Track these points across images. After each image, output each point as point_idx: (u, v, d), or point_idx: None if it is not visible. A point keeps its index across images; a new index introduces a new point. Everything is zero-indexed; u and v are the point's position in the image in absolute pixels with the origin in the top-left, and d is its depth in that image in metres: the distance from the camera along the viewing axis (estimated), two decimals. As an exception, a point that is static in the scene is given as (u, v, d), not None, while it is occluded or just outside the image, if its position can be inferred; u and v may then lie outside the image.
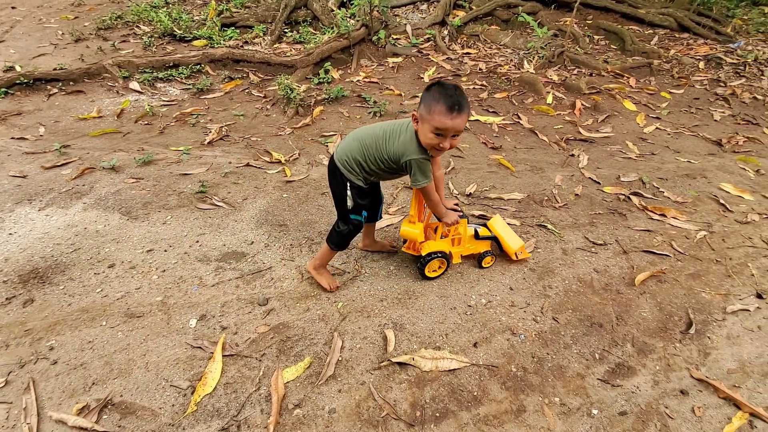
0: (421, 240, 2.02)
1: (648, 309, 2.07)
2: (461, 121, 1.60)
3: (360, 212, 1.90)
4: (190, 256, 2.20)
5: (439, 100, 1.58)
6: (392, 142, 1.73)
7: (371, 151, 1.77)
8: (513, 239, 2.21)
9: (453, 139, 1.65)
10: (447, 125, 1.58)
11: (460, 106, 1.58)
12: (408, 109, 4.07)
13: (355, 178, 1.83)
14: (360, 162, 1.79)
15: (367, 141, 1.78)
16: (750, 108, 4.50)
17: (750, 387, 1.75)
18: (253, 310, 1.91)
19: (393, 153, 1.73)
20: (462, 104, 1.59)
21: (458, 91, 1.61)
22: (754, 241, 2.59)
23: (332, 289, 2.03)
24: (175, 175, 2.86)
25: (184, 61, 4.43)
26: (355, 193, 1.85)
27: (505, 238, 2.20)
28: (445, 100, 1.58)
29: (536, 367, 1.76)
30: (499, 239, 2.21)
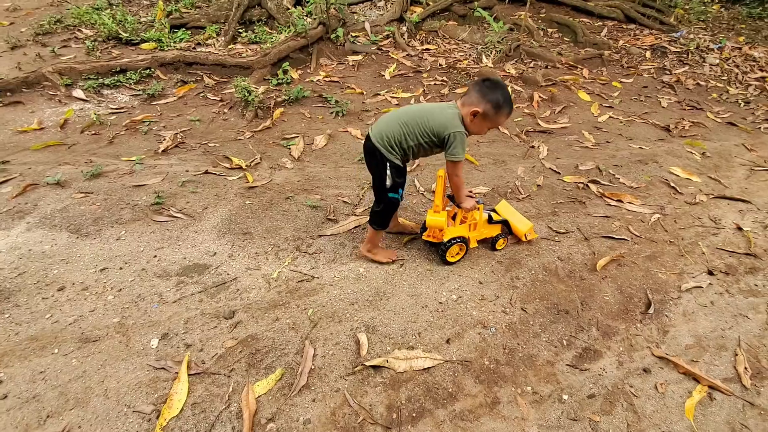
0: (446, 227, 2.12)
1: (610, 293, 2.15)
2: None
3: (397, 190, 2.02)
4: (148, 272, 2.09)
5: (507, 104, 1.84)
6: (436, 117, 1.87)
7: (412, 128, 1.90)
8: (521, 222, 2.37)
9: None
10: (504, 123, 1.98)
11: (512, 107, 1.89)
12: (370, 107, 4.04)
13: (394, 158, 1.94)
14: (399, 140, 1.91)
15: (408, 119, 1.91)
16: (694, 94, 4.77)
17: (707, 361, 1.85)
18: (218, 325, 1.84)
19: (437, 126, 1.86)
20: (512, 105, 1.89)
21: (509, 93, 1.88)
22: (703, 220, 2.74)
23: (392, 260, 2.22)
24: (127, 188, 2.71)
25: (131, 65, 4.21)
26: (393, 172, 1.96)
27: (513, 221, 2.36)
28: (510, 105, 1.85)
29: (508, 359, 1.79)
30: (509, 222, 2.35)
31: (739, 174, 3.32)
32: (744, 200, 2.97)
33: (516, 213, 2.40)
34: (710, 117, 4.28)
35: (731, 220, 2.76)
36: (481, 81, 1.87)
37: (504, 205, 2.44)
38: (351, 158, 3.23)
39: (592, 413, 1.62)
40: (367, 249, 2.20)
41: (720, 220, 2.76)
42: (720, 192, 3.05)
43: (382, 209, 2.05)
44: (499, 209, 2.41)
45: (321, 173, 3.02)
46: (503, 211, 2.40)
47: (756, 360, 1.87)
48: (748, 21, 7.69)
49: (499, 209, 2.41)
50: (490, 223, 2.30)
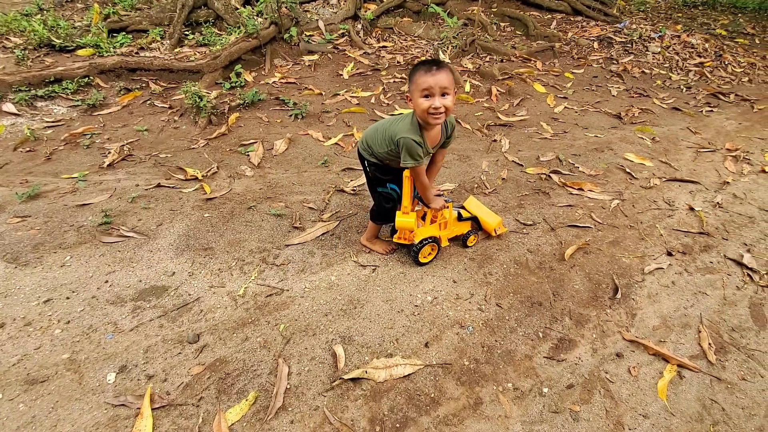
0: (415, 228, 2.09)
1: (579, 281, 2.19)
2: (442, 76, 1.67)
3: (384, 184, 2.07)
4: (99, 299, 1.92)
5: (418, 67, 1.72)
6: (392, 126, 1.87)
7: (379, 136, 1.94)
8: (491, 216, 2.36)
9: (443, 98, 1.70)
10: (429, 82, 1.66)
11: (438, 65, 1.69)
12: (330, 108, 3.95)
13: (369, 156, 2.03)
14: (373, 148, 1.98)
15: (379, 126, 1.97)
16: (640, 81, 5.00)
17: (674, 340, 1.92)
18: (183, 351, 1.71)
19: (391, 134, 1.86)
20: (440, 63, 1.70)
21: (438, 60, 1.74)
22: (658, 203, 2.86)
23: (387, 251, 2.25)
24: (70, 208, 2.49)
25: (67, 74, 3.89)
26: (373, 169, 2.05)
27: (483, 216, 2.35)
28: (423, 64, 1.71)
29: (487, 357, 1.78)
30: (478, 218, 2.35)
31: (686, 156, 3.50)
32: (693, 181, 3.13)
33: (484, 208, 2.40)
34: (657, 103, 4.50)
35: (683, 201, 2.90)
36: None
37: (472, 201, 2.44)
38: (314, 162, 3.13)
39: (572, 403, 1.63)
40: (366, 238, 2.29)
41: (673, 202, 2.89)
42: (671, 175, 3.20)
43: (376, 204, 2.17)
44: (467, 205, 2.41)
45: (283, 179, 2.91)
46: (472, 207, 2.40)
47: (718, 335, 1.96)
48: (684, 10, 8.18)
49: (468, 205, 2.41)
50: (460, 221, 2.29)
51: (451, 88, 1.71)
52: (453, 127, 2.01)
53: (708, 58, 5.72)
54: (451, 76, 1.71)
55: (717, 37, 6.65)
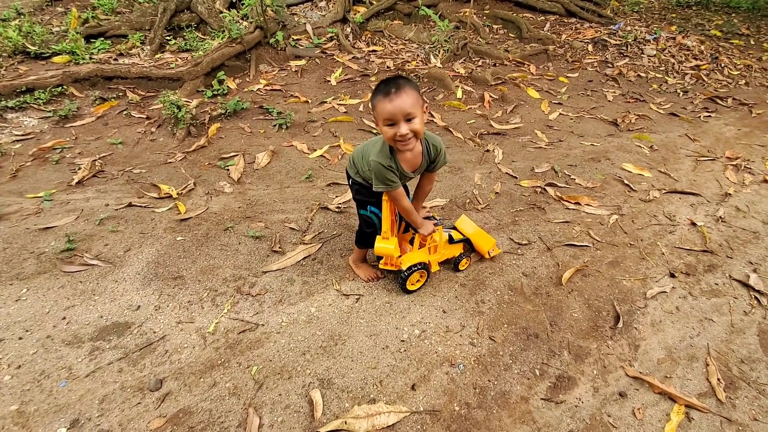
0: (397, 255, 1.95)
1: (578, 308, 2.05)
2: (403, 100, 1.51)
3: (366, 207, 1.95)
4: (54, 339, 1.75)
5: (377, 91, 1.56)
6: (374, 146, 1.75)
7: (359, 155, 1.86)
8: (484, 238, 2.22)
9: (410, 123, 1.55)
10: (389, 109, 1.52)
11: (397, 86, 1.52)
12: (316, 117, 3.78)
13: (354, 175, 1.91)
14: (356, 164, 1.88)
15: (365, 145, 1.86)
16: (636, 86, 4.87)
17: (680, 375, 1.78)
18: (143, 400, 1.55)
19: (368, 155, 1.76)
20: (399, 85, 1.53)
21: (398, 78, 1.56)
22: (658, 218, 2.73)
23: (369, 279, 2.10)
24: (32, 232, 2.32)
25: (40, 83, 3.70)
26: (357, 188, 1.92)
27: (475, 238, 2.21)
28: (382, 88, 1.55)
29: (479, 400, 1.63)
30: (471, 240, 2.21)
31: (686, 166, 3.37)
32: (694, 193, 3.00)
33: (477, 228, 2.25)
34: (653, 108, 4.37)
35: (685, 215, 2.77)
36: None
37: (464, 221, 2.28)
38: (297, 176, 2.97)
39: (573, 454, 1.49)
40: (353, 260, 2.19)
41: (674, 216, 2.75)
42: (671, 186, 3.07)
43: (359, 227, 2.05)
44: (459, 225, 2.25)
45: (264, 196, 2.75)
46: (464, 227, 2.24)
47: (727, 368, 1.82)
48: (677, 10, 8.08)
49: (460, 225, 2.25)
50: (451, 243, 2.14)
51: (417, 109, 1.54)
52: (440, 151, 1.82)
53: (704, 61, 5.61)
54: (415, 95, 1.54)
55: (712, 38, 6.55)
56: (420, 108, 1.57)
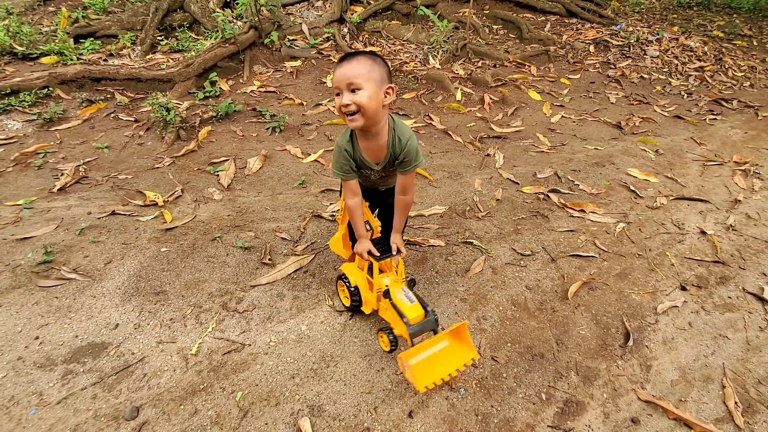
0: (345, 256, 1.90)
1: (585, 325, 1.93)
2: (350, 68, 1.42)
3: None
4: (25, 362, 1.63)
5: (338, 64, 1.46)
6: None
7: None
8: (459, 351, 1.56)
9: (354, 94, 1.42)
10: (335, 76, 1.45)
11: (352, 55, 1.45)
12: (311, 119, 3.67)
13: None
14: None
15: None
16: (639, 87, 4.77)
17: (695, 398, 1.66)
18: (117, 430, 1.43)
19: None
20: (356, 54, 1.45)
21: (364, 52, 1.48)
22: (667, 226, 2.62)
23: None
24: (9, 242, 2.19)
25: (25, 85, 3.57)
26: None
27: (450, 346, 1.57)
28: (342, 59, 1.46)
29: (482, 428, 1.51)
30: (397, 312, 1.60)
31: (693, 171, 3.26)
32: (703, 200, 2.89)
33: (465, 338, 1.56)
34: (657, 111, 4.27)
35: (694, 223, 2.66)
36: None
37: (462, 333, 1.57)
38: (290, 182, 2.85)
39: (583, 489, 1.37)
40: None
41: (683, 225, 2.64)
42: (678, 192, 2.96)
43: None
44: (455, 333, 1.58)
45: (255, 203, 2.63)
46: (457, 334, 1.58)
47: (744, 390, 1.71)
48: (678, 11, 7.99)
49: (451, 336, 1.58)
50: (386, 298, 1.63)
51: (368, 82, 1.40)
52: (405, 145, 1.56)
53: (708, 62, 5.51)
54: (368, 66, 1.41)
55: (714, 39, 6.46)
56: (374, 82, 1.41)
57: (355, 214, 1.72)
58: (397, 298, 1.61)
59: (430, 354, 1.52)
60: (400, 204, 1.74)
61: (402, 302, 1.59)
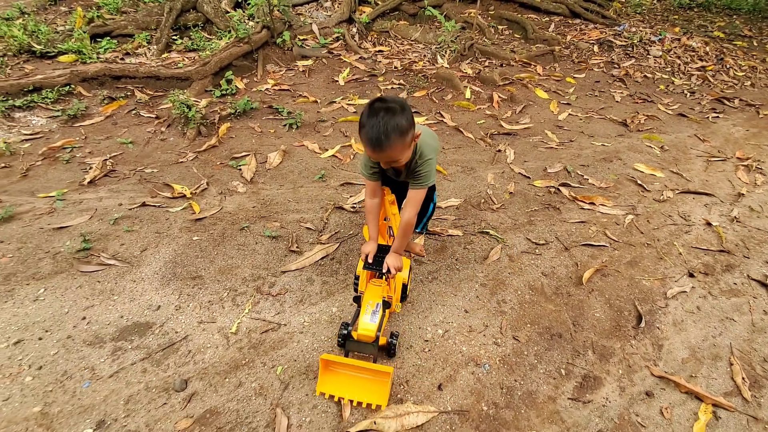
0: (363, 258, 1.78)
1: (599, 308, 2.04)
2: (388, 154, 1.47)
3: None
4: (75, 340, 1.73)
5: (363, 127, 1.46)
6: None
7: None
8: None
9: (394, 162, 1.56)
10: (371, 156, 1.52)
11: (380, 143, 1.42)
12: (326, 117, 3.77)
13: None
14: None
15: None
16: (643, 86, 4.88)
17: (705, 374, 1.77)
18: (168, 400, 1.53)
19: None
20: (385, 138, 1.41)
21: (388, 114, 1.41)
22: (673, 218, 2.73)
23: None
24: (46, 231, 2.29)
25: (47, 83, 3.67)
26: None
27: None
28: (368, 130, 1.43)
29: (507, 400, 1.62)
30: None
31: (697, 166, 3.38)
32: (707, 193, 3.00)
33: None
34: (662, 109, 4.38)
35: (700, 215, 2.77)
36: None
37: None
38: (310, 176, 2.95)
39: (603, 454, 1.48)
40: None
41: (689, 216, 2.75)
42: (684, 186, 3.07)
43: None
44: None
45: (278, 196, 2.73)
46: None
47: (750, 367, 1.82)
48: (680, 12, 8.11)
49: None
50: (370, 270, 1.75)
51: (403, 153, 1.51)
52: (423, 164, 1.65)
53: (710, 62, 5.63)
54: (399, 144, 1.45)
55: (716, 39, 6.58)
56: (407, 148, 1.51)
57: (370, 216, 1.77)
58: (364, 308, 1.62)
59: (348, 371, 1.55)
60: (402, 223, 1.71)
61: (363, 315, 1.60)
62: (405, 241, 1.74)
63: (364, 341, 1.60)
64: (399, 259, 1.72)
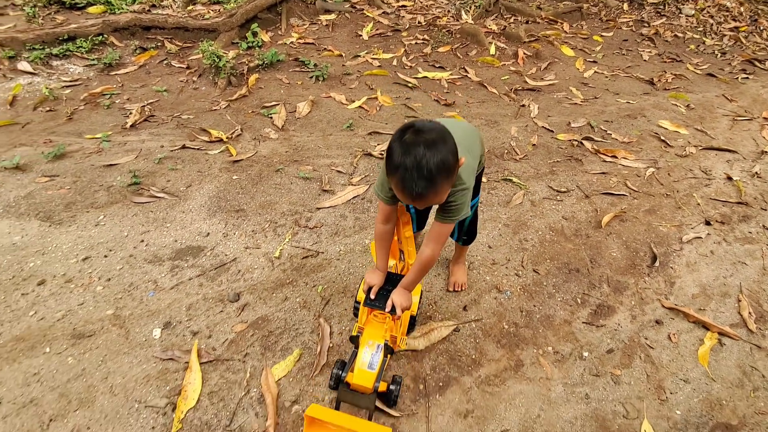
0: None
1: (616, 248, 2.16)
2: (431, 200, 1.15)
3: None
4: (137, 258, 1.92)
5: (395, 169, 1.07)
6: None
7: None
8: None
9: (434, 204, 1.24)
10: (408, 202, 1.18)
11: (425, 191, 1.06)
12: (351, 70, 3.82)
13: None
14: None
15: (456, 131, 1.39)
16: (673, 46, 4.78)
17: (713, 308, 1.90)
18: (224, 309, 1.72)
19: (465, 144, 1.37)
20: (430, 183, 1.05)
21: (430, 150, 1.04)
22: (694, 172, 2.78)
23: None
24: (97, 168, 2.47)
25: (81, 32, 3.77)
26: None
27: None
28: (404, 175, 1.06)
29: (526, 321, 1.78)
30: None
31: (723, 125, 3.38)
32: (730, 150, 3.03)
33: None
34: (690, 69, 4.31)
35: (721, 170, 2.82)
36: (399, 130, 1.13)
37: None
38: (338, 125, 3.05)
39: (613, 367, 1.63)
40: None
41: (710, 171, 2.80)
42: (707, 143, 3.09)
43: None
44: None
45: (309, 142, 2.85)
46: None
47: (758, 304, 1.94)
48: (716, -29, 7.71)
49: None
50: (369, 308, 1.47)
51: (447, 192, 1.18)
52: (457, 195, 1.25)
53: (743, 23, 5.44)
54: (449, 183, 1.14)
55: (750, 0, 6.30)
56: (449, 188, 1.17)
57: (381, 243, 1.46)
58: (362, 350, 1.34)
59: (337, 427, 1.23)
60: (420, 259, 1.36)
61: (361, 359, 1.33)
62: (419, 279, 1.43)
63: (359, 391, 1.33)
64: (408, 297, 1.41)
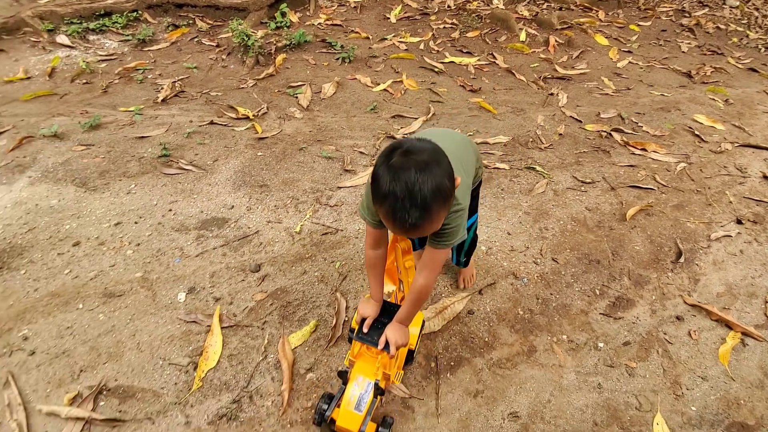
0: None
1: (640, 242, 2.11)
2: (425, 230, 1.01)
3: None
4: (165, 226, 2.00)
5: (383, 198, 0.94)
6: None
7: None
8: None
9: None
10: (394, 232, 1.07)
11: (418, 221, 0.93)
12: (378, 53, 3.80)
13: None
14: None
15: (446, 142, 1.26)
16: (714, 38, 4.56)
17: (738, 308, 1.85)
18: (246, 278, 1.78)
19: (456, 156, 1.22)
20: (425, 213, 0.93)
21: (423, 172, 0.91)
22: (729, 169, 2.68)
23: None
24: (130, 139, 2.55)
25: (116, 8, 3.87)
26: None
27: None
28: (394, 204, 0.92)
29: (542, 308, 1.77)
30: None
31: (762, 122, 3.22)
32: (769, 148, 2.90)
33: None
34: (731, 62, 4.11)
35: (757, 168, 2.70)
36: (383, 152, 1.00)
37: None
38: (362, 107, 3.06)
39: (628, 360, 1.62)
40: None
41: (746, 169, 2.69)
42: (744, 140, 2.97)
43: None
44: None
45: (333, 123, 2.87)
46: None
47: (785, 306, 1.87)
48: (769, -40, 7.26)
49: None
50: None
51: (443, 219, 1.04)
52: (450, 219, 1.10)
53: (794, 16, 5.13)
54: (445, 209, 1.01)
55: (807, -9, 5.92)
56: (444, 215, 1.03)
57: (372, 270, 1.32)
58: (350, 387, 1.20)
59: None
60: (413, 289, 1.22)
61: (348, 397, 1.19)
62: (415, 311, 1.29)
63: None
64: (404, 333, 1.25)
